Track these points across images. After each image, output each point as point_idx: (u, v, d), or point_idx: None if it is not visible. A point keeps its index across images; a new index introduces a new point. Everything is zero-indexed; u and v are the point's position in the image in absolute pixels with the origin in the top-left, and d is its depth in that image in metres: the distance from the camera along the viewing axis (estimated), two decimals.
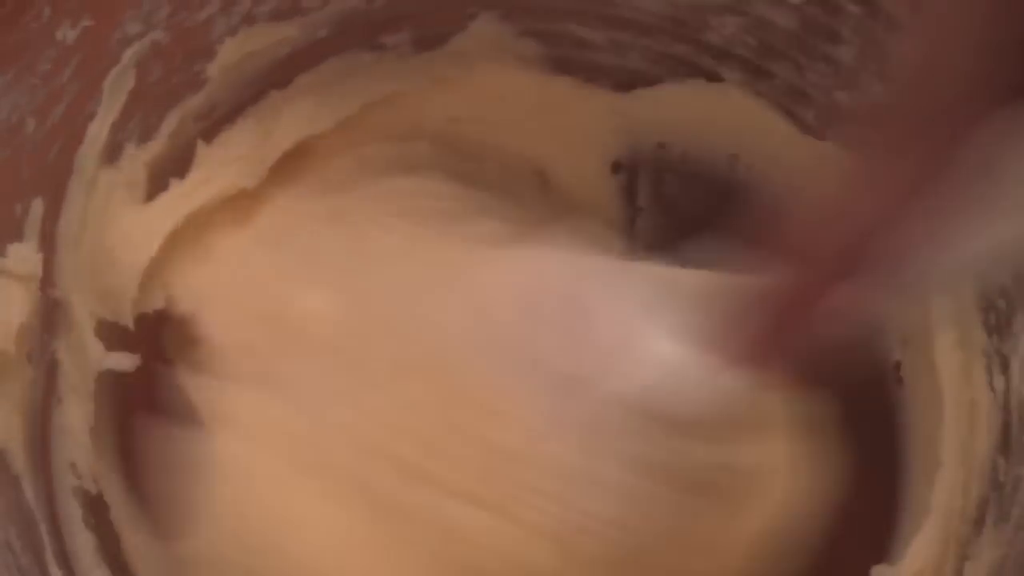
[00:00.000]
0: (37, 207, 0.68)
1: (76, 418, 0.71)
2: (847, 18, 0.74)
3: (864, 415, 0.73)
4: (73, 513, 0.69)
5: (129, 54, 0.71)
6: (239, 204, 0.76)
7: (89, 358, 0.71)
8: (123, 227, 0.72)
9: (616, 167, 0.87)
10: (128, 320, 0.72)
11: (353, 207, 0.77)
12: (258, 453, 0.70)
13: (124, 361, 0.73)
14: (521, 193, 0.83)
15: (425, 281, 0.70)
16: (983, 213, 0.50)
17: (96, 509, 0.71)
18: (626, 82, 0.84)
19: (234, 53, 0.76)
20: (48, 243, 0.69)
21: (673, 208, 0.86)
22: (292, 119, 0.78)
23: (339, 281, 0.72)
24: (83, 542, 0.69)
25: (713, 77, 0.81)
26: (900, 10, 0.71)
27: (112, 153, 0.72)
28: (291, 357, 0.71)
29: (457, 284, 0.68)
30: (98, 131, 0.71)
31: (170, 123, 0.75)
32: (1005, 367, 0.69)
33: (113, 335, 0.73)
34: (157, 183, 0.75)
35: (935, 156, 0.47)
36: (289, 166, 0.78)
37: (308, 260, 0.73)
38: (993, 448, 0.69)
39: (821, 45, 0.76)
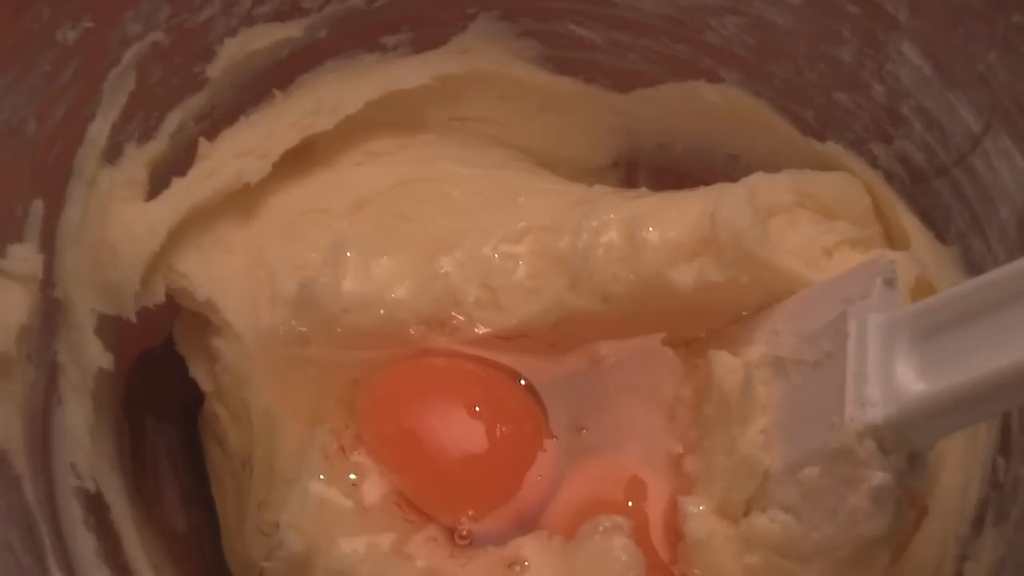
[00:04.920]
0: (37, 208, 0.68)
1: (76, 418, 0.70)
2: (846, 18, 0.74)
3: None
4: (74, 514, 0.69)
5: (129, 55, 0.71)
6: (247, 198, 0.77)
7: (89, 357, 0.71)
8: (125, 223, 0.72)
9: (616, 166, 0.88)
10: (131, 314, 0.72)
11: (372, 201, 0.77)
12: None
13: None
14: (533, 172, 0.84)
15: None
16: None
17: (96, 509, 0.71)
18: (626, 82, 0.84)
19: (234, 54, 0.76)
20: (48, 244, 0.69)
21: None
22: (294, 118, 0.78)
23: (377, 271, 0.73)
24: (84, 543, 0.69)
25: (713, 77, 0.81)
26: (899, 10, 0.71)
27: (113, 153, 0.72)
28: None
29: None
30: (98, 132, 0.71)
31: (171, 123, 0.75)
32: None
33: (114, 334, 0.73)
34: (158, 182, 0.75)
35: None
36: (295, 162, 0.78)
37: (333, 252, 0.73)
38: (993, 448, 0.70)
39: (820, 45, 0.76)
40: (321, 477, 0.68)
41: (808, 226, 0.74)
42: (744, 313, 0.72)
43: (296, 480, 0.69)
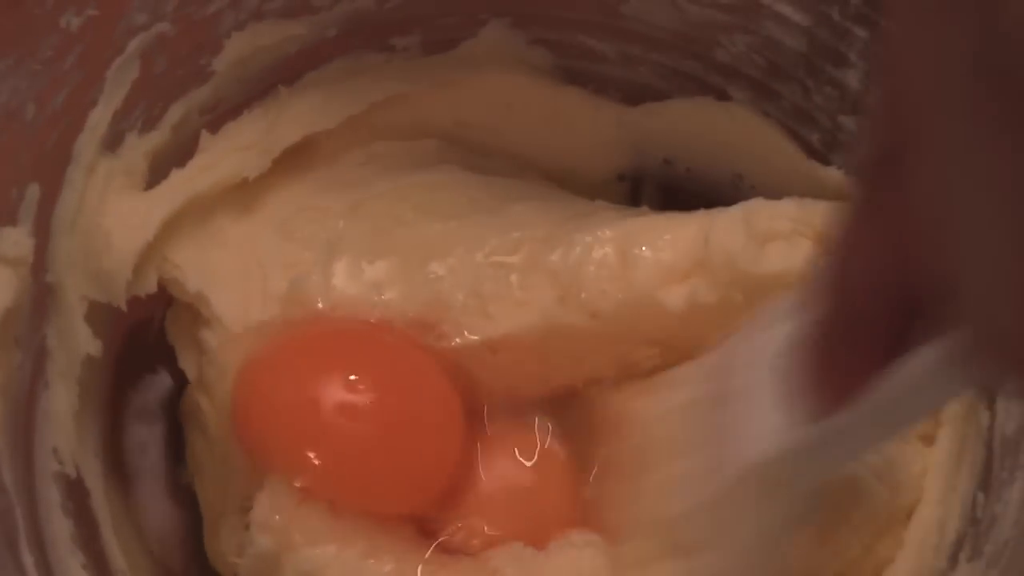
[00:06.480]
0: (33, 192, 0.68)
1: (62, 403, 0.70)
2: (854, 42, 0.73)
3: None
4: (51, 498, 0.69)
5: (134, 44, 0.71)
6: (245, 193, 0.77)
7: (77, 343, 0.71)
8: (121, 211, 0.72)
9: (621, 180, 0.87)
10: (121, 302, 0.72)
11: (369, 202, 0.77)
12: None
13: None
14: (534, 182, 0.83)
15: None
16: None
17: (75, 495, 0.71)
18: (634, 96, 0.84)
19: (242, 48, 0.76)
20: (42, 228, 0.69)
21: None
22: (298, 114, 0.78)
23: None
24: (60, 528, 0.69)
25: (721, 95, 0.81)
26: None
27: (113, 142, 0.72)
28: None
29: None
30: (99, 119, 0.71)
31: (174, 115, 0.75)
32: (991, 401, 0.68)
33: (104, 320, 0.73)
34: (157, 173, 0.75)
35: None
36: (295, 159, 0.78)
37: (327, 251, 0.73)
38: (974, 483, 0.69)
39: (828, 68, 0.75)
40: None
41: (805, 253, 0.74)
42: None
43: (271, 478, 0.68)
